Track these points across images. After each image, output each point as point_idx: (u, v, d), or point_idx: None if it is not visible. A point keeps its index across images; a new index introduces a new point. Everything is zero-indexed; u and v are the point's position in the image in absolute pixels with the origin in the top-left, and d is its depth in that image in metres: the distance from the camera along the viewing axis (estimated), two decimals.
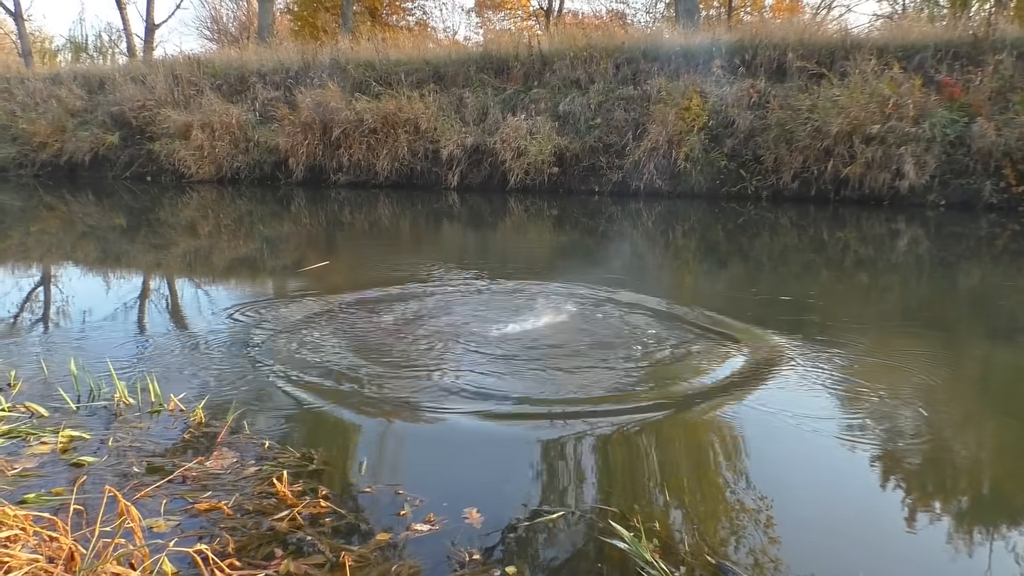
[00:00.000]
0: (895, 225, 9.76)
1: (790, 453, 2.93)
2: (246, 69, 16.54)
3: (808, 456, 2.90)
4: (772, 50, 13.15)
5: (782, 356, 4.05)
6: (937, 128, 10.95)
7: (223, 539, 2.19)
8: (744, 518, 2.40)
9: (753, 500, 2.51)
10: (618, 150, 13.12)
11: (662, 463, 2.79)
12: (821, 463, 2.85)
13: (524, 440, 2.97)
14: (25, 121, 16.62)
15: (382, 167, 14.05)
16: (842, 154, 11.38)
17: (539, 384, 3.59)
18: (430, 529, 2.27)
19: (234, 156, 14.96)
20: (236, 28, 30.63)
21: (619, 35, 15.69)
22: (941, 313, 5.54)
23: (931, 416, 3.29)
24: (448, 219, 11.19)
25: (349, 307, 5.14)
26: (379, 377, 3.67)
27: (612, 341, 4.30)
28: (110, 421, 3.12)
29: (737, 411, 3.28)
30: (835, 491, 2.62)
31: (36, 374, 3.67)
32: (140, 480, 2.56)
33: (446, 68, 15.12)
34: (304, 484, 2.55)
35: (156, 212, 11.70)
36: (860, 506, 2.52)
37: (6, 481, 2.52)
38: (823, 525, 2.40)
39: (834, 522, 2.42)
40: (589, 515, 2.38)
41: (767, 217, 10.54)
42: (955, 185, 10.94)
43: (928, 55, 12.13)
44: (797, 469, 2.81)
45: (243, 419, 3.09)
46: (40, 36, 32.87)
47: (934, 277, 6.87)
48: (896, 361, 4.12)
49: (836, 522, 2.42)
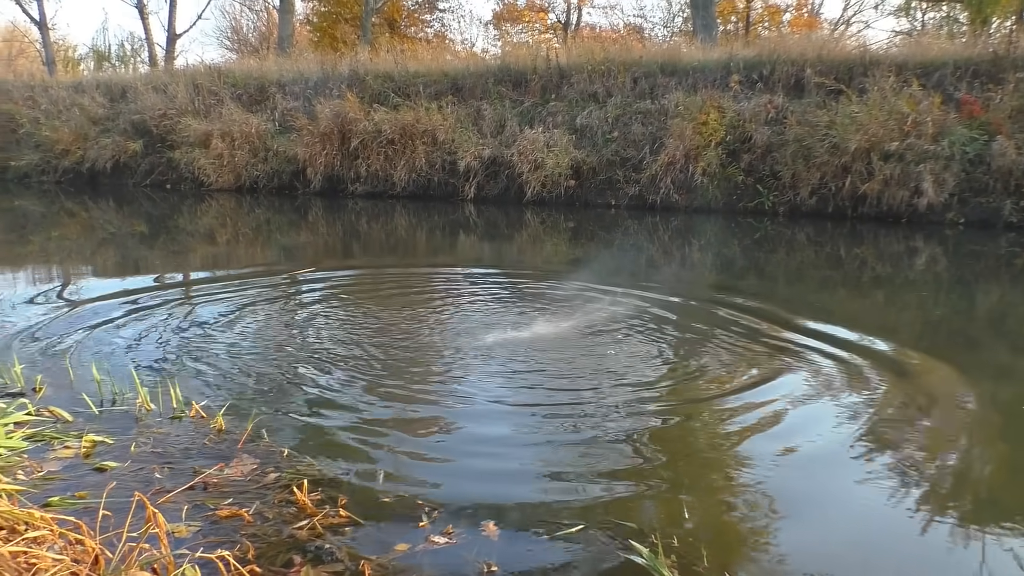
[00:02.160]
0: (913, 243, 9.71)
1: (819, 471, 2.91)
2: (266, 79, 16.71)
3: (838, 475, 2.88)
4: (790, 65, 13.13)
5: (817, 371, 4.04)
6: (956, 146, 10.88)
7: (243, 546, 2.21)
8: (765, 537, 2.39)
9: (775, 519, 2.50)
10: (635, 164, 13.13)
11: (682, 478, 2.79)
12: (850, 484, 2.81)
13: (544, 453, 2.97)
14: (48, 128, 16.83)
15: (399, 178, 14.12)
16: (860, 171, 11.33)
17: (559, 398, 3.60)
18: (448, 541, 2.29)
19: (253, 165, 15.08)
20: (256, 39, 30.97)
21: (637, 49, 15.73)
22: (962, 329, 5.51)
23: (972, 448, 3.27)
24: (465, 230, 11.23)
25: (370, 316, 5.17)
26: (400, 386, 3.69)
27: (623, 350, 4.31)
28: (132, 426, 3.16)
29: (766, 428, 3.27)
30: (867, 513, 2.59)
31: (60, 379, 3.72)
32: (162, 486, 2.59)
33: (464, 80, 15.20)
34: (323, 493, 2.57)
35: (176, 219, 11.82)
36: (893, 533, 2.49)
37: (31, 484, 2.55)
38: (850, 546, 2.38)
39: (864, 544, 2.40)
40: (607, 530, 2.38)
41: (784, 233, 10.51)
42: (974, 203, 10.86)
43: (948, 72, 12.08)
44: (826, 487, 2.79)
45: (262, 427, 3.12)
46: (64, 45, 33.30)
47: (951, 296, 6.83)
48: (938, 382, 4.10)
49: (866, 545, 2.40)
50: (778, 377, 3.96)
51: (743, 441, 3.12)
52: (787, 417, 3.39)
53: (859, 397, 3.71)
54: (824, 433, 3.23)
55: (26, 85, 18.76)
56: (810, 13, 29.22)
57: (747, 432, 3.21)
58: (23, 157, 17.03)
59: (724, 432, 3.21)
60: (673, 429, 3.23)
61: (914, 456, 3.04)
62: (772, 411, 3.45)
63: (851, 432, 3.26)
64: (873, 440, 3.17)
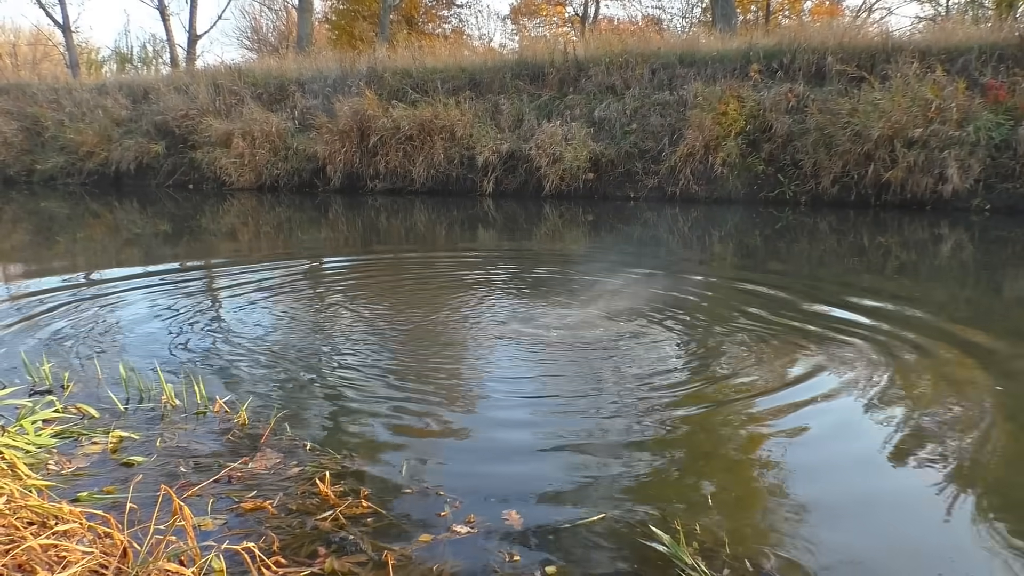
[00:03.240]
0: (938, 230, 9.59)
1: (847, 464, 2.88)
2: (285, 78, 16.83)
3: (868, 471, 2.84)
4: (811, 54, 13.01)
5: (848, 363, 4.01)
6: (982, 131, 10.74)
7: (268, 537, 2.24)
8: (789, 527, 2.38)
9: (800, 510, 2.48)
10: (654, 156, 13.09)
11: (705, 465, 2.78)
12: (881, 480, 2.77)
13: (566, 442, 2.97)
14: (73, 131, 17.07)
15: (418, 174, 14.18)
16: (883, 158, 11.22)
17: (581, 386, 3.60)
18: (470, 530, 2.30)
19: (274, 164, 15.21)
20: (275, 38, 31.17)
21: (655, 41, 15.65)
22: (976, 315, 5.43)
23: (996, 435, 3.23)
24: (484, 224, 11.24)
25: (391, 309, 5.20)
26: (420, 378, 3.71)
27: (623, 342, 4.30)
28: (157, 422, 3.20)
29: (788, 414, 3.25)
30: (897, 510, 2.54)
31: (87, 376, 3.78)
32: (187, 479, 2.62)
33: (482, 75, 15.21)
34: (346, 485, 2.59)
35: (199, 219, 11.94)
36: (922, 522, 2.47)
37: (61, 479, 2.59)
38: (878, 541, 2.36)
39: (894, 542, 2.36)
40: (630, 518, 2.38)
41: (806, 222, 10.42)
42: (1000, 190, 10.72)
43: (972, 57, 11.91)
44: (853, 481, 2.76)
45: (285, 421, 3.15)
46: (87, 48, 33.75)
47: (980, 282, 6.73)
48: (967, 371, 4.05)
49: (896, 542, 2.36)
50: (808, 369, 3.92)
51: (770, 433, 3.10)
52: (817, 410, 3.35)
53: (891, 391, 3.66)
54: (854, 427, 3.20)
55: (50, 88, 19.03)
56: (831, 1, 28.87)
57: (774, 423, 3.19)
58: (48, 160, 17.29)
59: (750, 423, 3.19)
60: (697, 419, 3.21)
61: (947, 452, 3.00)
62: (801, 403, 3.42)
63: (883, 427, 3.22)
64: (907, 435, 3.14)
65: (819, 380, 3.72)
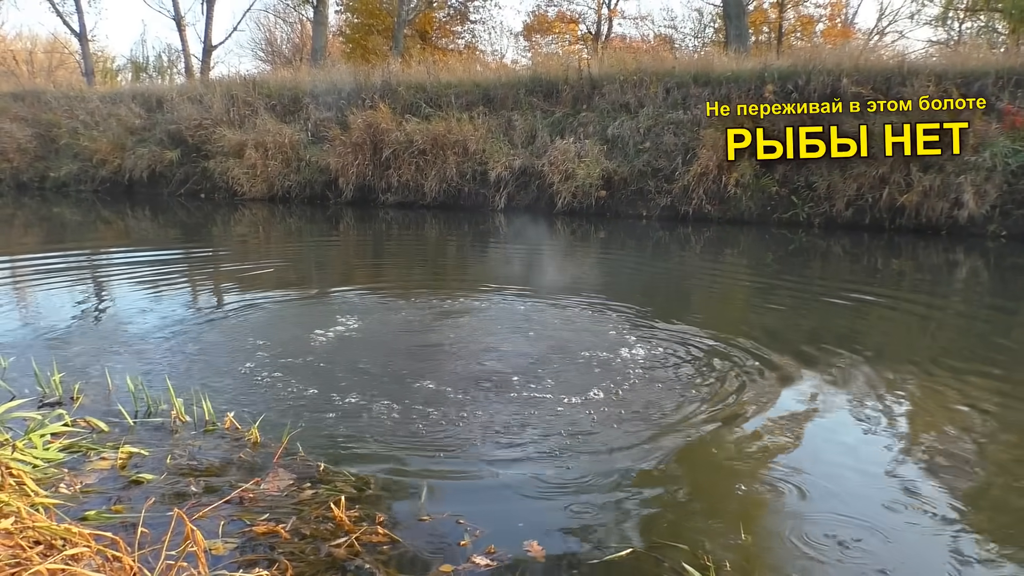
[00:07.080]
0: (953, 255, 9.49)
1: (874, 494, 2.79)
2: (299, 90, 16.84)
3: (894, 501, 2.76)
4: (826, 76, 12.93)
5: (863, 392, 3.93)
6: (998, 157, 10.64)
7: (281, 564, 2.16)
8: (822, 559, 2.29)
9: (830, 541, 2.40)
10: (667, 174, 13.01)
11: (734, 498, 2.69)
12: (908, 512, 2.68)
13: (590, 473, 2.88)
14: (87, 139, 17.11)
15: (430, 188, 14.14)
16: (898, 182, 11.12)
17: (605, 416, 3.51)
18: (489, 562, 2.22)
19: (286, 175, 15.20)
20: (290, 50, 31.30)
21: (669, 60, 15.61)
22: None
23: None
24: (496, 239, 11.18)
25: (413, 330, 5.14)
26: (439, 402, 3.63)
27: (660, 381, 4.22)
28: (167, 438, 3.14)
29: (816, 449, 3.17)
30: (926, 543, 2.48)
31: (97, 388, 3.72)
32: (198, 500, 2.55)
33: (495, 91, 15.19)
34: (361, 510, 2.51)
35: (210, 228, 11.93)
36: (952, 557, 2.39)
37: (68, 497, 2.53)
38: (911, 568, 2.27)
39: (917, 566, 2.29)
40: (658, 552, 2.30)
41: (819, 244, 10.34)
42: (1017, 216, 10.60)
43: (988, 82, 11.82)
44: (881, 512, 2.67)
45: (297, 439, 3.07)
46: (103, 56, 33.91)
47: (993, 310, 6.64)
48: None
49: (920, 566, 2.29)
50: (825, 398, 3.85)
51: (796, 462, 3.01)
52: (838, 439, 3.28)
53: (910, 419, 3.58)
54: (877, 456, 3.13)
55: (65, 96, 19.09)
56: (844, 23, 28.88)
57: (803, 457, 3.10)
58: (62, 167, 17.32)
59: (781, 452, 3.11)
60: (727, 451, 3.13)
61: (958, 481, 2.91)
62: (821, 432, 3.35)
63: (902, 456, 3.14)
64: (923, 465, 3.06)
65: (846, 417, 3.64)
